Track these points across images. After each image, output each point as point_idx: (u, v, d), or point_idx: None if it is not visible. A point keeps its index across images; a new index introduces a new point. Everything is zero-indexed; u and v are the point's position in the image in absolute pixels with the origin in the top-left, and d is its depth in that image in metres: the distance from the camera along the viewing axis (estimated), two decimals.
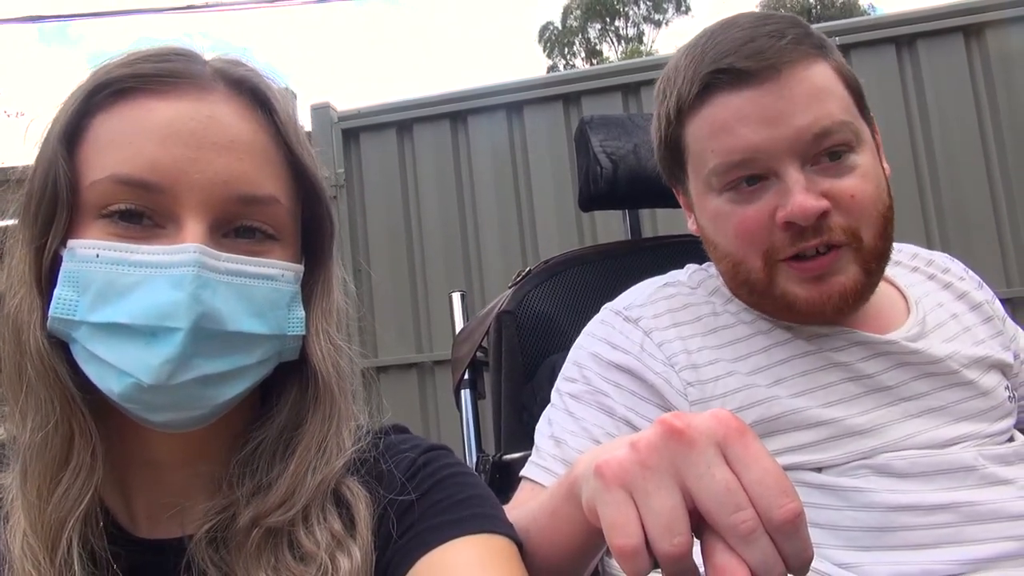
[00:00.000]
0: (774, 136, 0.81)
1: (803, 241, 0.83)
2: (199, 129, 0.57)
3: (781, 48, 0.82)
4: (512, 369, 1.28)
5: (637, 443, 0.45)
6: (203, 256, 0.55)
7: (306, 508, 0.60)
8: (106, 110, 0.57)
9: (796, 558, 0.41)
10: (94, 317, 0.54)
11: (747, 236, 0.86)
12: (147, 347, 0.53)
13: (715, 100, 0.85)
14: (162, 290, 0.54)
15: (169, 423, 0.57)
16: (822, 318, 0.87)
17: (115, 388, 0.54)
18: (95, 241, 0.55)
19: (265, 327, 0.59)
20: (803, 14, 25.32)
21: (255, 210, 0.59)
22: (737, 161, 0.84)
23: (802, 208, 0.80)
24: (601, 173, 1.34)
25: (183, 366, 0.54)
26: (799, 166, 0.82)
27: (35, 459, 0.56)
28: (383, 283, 3.37)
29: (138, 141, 0.56)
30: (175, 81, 0.58)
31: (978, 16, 3.09)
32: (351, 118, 3.48)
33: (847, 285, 0.84)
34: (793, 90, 0.82)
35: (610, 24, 32.01)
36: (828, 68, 0.85)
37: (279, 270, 0.60)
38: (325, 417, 0.63)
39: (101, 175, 0.56)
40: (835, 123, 0.82)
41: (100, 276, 0.54)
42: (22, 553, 0.55)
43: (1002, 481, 0.82)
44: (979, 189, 3.03)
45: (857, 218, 0.83)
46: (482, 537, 0.59)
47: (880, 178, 0.87)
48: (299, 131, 0.63)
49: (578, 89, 3.34)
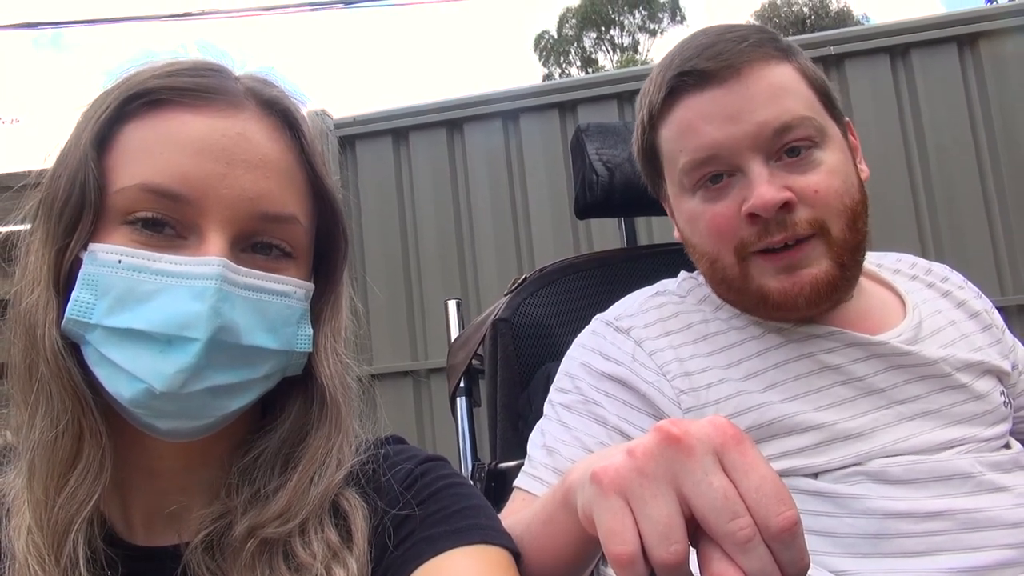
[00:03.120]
0: (736, 132, 0.84)
1: (769, 236, 0.84)
2: (230, 145, 0.58)
3: (741, 50, 0.86)
4: (507, 377, 1.27)
5: (634, 450, 0.45)
6: (226, 270, 0.56)
7: (303, 520, 0.60)
8: (139, 119, 0.58)
9: (793, 566, 0.41)
10: (110, 321, 0.55)
11: (718, 232, 0.88)
12: (162, 355, 0.54)
13: (681, 102, 0.88)
14: (183, 300, 0.54)
15: (174, 431, 0.57)
16: (796, 311, 0.87)
17: (125, 392, 0.55)
18: (118, 247, 0.56)
19: (276, 342, 0.59)
20: (797, 24, 25.50)
21: (276, 228, 0.60)
22: (703, 158, 0.86)
23: (762, 199, 0.82)
24: (597, 181, 1.34)
25: (196, 376, 0.54)
26: (763, 161, 0.84)
27: (43, 457, 0.56)
28: (378, 290, 3.37)
29: (170, 152, 0.57)
30: (209, 96, 0.59)
31: (971, 26, 3.11)
32: (347, 126, 3.47)
33: (818, 276, 0.85)
34: (753, 88, 0.85)
35: (605, 33, 32.14)
36: (790, 69, 0.88)
37: (292, 287, 0.61)
38: (330, 433, 0.63)
39: (130, 182, 0.56)
40: (796, 118, 0.84)
41: (120, 281, 0.55)
42: (26, 551, 0.55)
43: (999, 488, 0.82)
44: (973, 198, 3.04)
45: (822, 211, 0.84)
46: (478, 548, 0.59)
47: (849, 175, 0.88)
48: (323, 153, 0.65)
49: (574, 98, 3.34)
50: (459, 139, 3.45)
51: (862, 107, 3.09)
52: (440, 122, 3.43)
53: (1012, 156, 3.04)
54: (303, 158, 0.63)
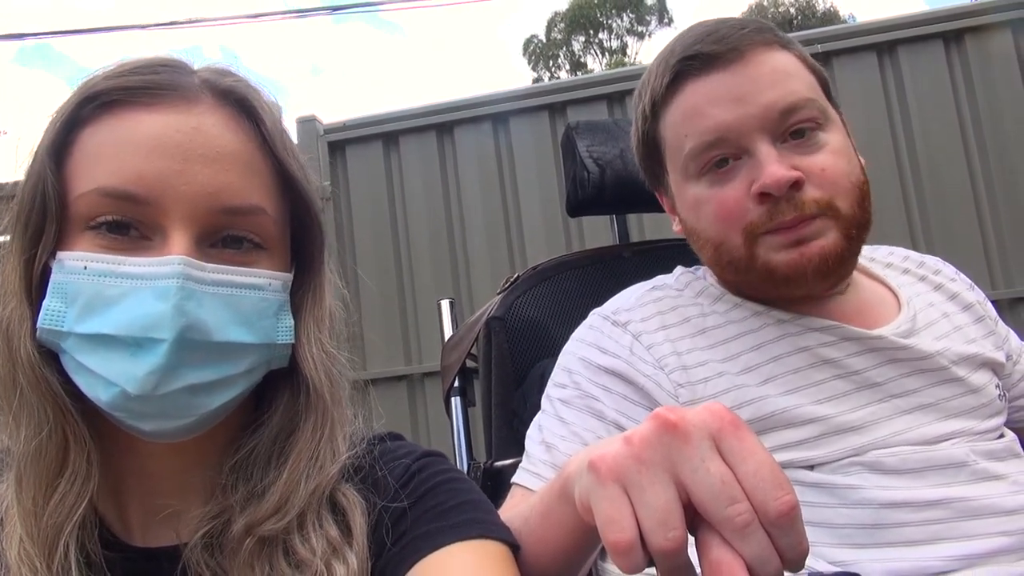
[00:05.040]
0: (743, 114, 0.85)
1: (779, 215, 0.84)
2: (184, 141, 0.57)
3: (743, 35, 0.87)
4: (502, 375, 1.27)
5: (631, 437, 0.45)
6: (187, 267, 0.55)
7: (301, 515, 0.60)
8: (93, 123, 0.58)
9: (792, 551, 0.41)
10: (81, 328, 0.55)
11: (726, 215, 0.88)
12: (132, 358, 0.54)
13: (686, 87, 0.89)
14: (147, 302, 0.54)
15: (157, 432, 0.57)
16: (803, 285, 0.87)
17: (103, 397, 0.55)
18: (83, 253, 0.55)
19: (252, 336, 0.59)
20: (785, 24, 25.66)
21: (241, 220, 0.59)
22: (710, 141, 0.87)
23: (774, 177, 0.82)
24: (588, 178, 1.34)
25: (168, 376, 0.54)
26: (770, 142, 0.85)
27: (30, 467, 0.56)
28: (371, 295, 3.36)
29: (124, 154, 0.56)
30: (162, 93, 0.58)
31: (957, 22, 3.13)
32: (337, 131, 3.47)
33: (827, 248, 0.85)
34: (758, 70, 0.86)
35: (594, 37, 32.22)
36: (790, 56, 0.90)
37: (266, 279, 0.60)
38: (317, 424, 0.63)
39: (88, 188, 0.56)
40: (801, 99, 0.85)
41: (88, 287, 0.55)
42: (19, 560, 0.55)
43: (994, 476, 0.82)
44: (962, 193, 3.06)
45: (830, 190, 0.85)
46: (477, 542, 0.59)
47: (853, 157, 0.89)
48: (286, 140, 0.64)
49: (563, 99, 3.35)
50: (449, 142, 3.44)
51: (850, 104, 3.10)
52: (430, 125, 3.43)
53: (1000, 151, 3.06)
54: (266, 147, 0.62)
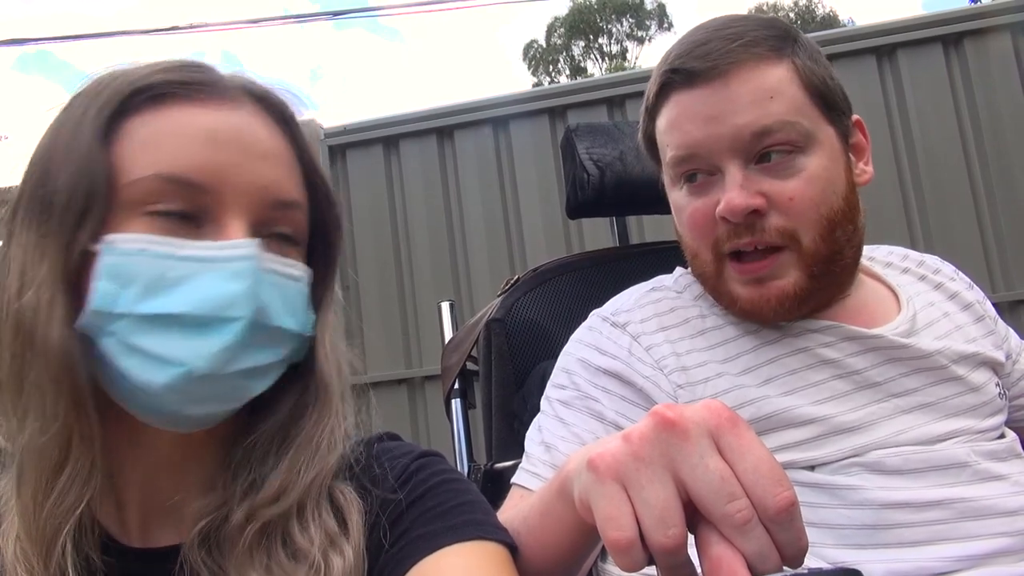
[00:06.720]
0: (714, 133, 0.85)
1: (738, 238, 0.86)
2: (238, 137, 0.59)
3: (731, 50, 0.85)
4: (502, 377, 1.27)
5: (630, 435, 0.44)
6: (259, 251, 0.57)
7: (301, 504, 0.60)
8: (144, 113, 0.58)
9: (791, 547, 0.41)
10: (141, 308, 0.54)
11: (696, 228, 0.90)
12: (201, 337, 0.54)
13: (671, 98, 0.90)
14: (220, 282, 0.55)
15: (207, 416, 0.58)
16: (765, 319, 0.89)
17: (158, 379, 0.54)
18: (141, 235, 0.55)
19: (296, 325, 0.61)
20: None
21: (285, 215, 0.61)
22: (683, 156, 0.88)
23: (730, 205, 0.83)
24: (588, 180, 1.34)
25: (238, 355, 0.55)
26: (740, 164, 0.85)
27: (31, 463, 0.56)
28: (372, 299, 3.36)
29: (183, 142, 0.57)
30: (208, 91, 0.60)
31: (957, 26, 3.14)
32: (337, 135, 3.48)
33: (786, 289, 0.86)
34: (737, 90, 0.85)
35: (593, 41, 32.28)
36: (783, 70, 0.87)
37: (302, 271, 0.63)
38: (321, 417, 0.63)
39: (144, 173, 0.56)
40: (776, 122, 0.84)
41: (147, 269, 0.55)
42: (15, 558, 0.55)
43: (995, 477, 0.82)
44: (961, 196, 3.07)
45: (795, 220, 0.84)
46: (475, 544, 0.58)
47: (832, 183, 0.86)
48: (312, 142, 0.67)
49: (563, 103, 3.36)
50: (450, 146, 3.45)
51: None
52: (430, 129, 3.44)
53: (999, 154, 3.06)
54: (296, 148, 0.64)
